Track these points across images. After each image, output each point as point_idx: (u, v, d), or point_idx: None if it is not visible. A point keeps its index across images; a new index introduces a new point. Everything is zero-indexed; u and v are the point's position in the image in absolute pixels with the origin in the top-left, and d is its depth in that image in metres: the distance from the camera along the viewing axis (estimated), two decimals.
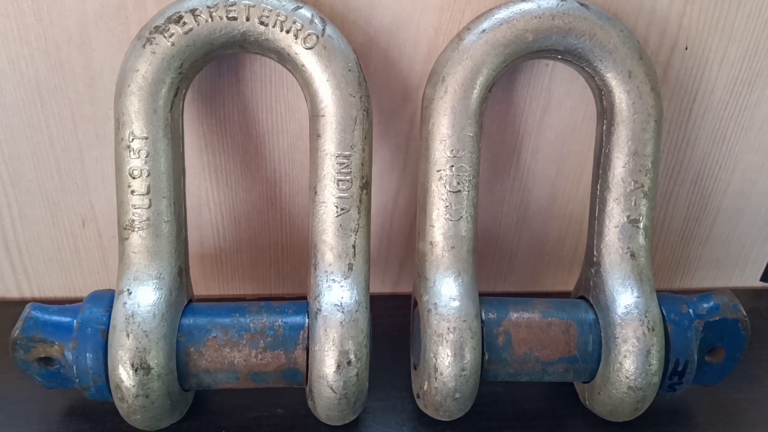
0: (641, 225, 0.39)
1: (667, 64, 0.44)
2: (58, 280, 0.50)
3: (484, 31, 0.38)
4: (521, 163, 0.47)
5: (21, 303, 0.50)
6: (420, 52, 0.42)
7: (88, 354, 0.37)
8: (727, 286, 0.54)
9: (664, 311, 0.39)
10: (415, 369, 0.41)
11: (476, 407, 0.39)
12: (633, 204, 0.39)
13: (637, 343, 0.37)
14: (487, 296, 0.40)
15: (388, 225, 0.49)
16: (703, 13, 0.42)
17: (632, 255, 0.39)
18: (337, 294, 0.37)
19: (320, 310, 0.37)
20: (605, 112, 0.40)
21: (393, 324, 0.48)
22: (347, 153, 0.38)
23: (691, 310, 0.40)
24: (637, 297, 0.38)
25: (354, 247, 0.39)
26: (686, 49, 0.43)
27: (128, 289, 0.37)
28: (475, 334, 0.37)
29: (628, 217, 0.39)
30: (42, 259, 0.49)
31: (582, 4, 0.38)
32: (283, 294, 0.52)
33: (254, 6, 0.36)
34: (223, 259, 0.50)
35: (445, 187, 0.39)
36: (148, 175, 0.37)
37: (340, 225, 0.38)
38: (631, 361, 0.37)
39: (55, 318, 0.38)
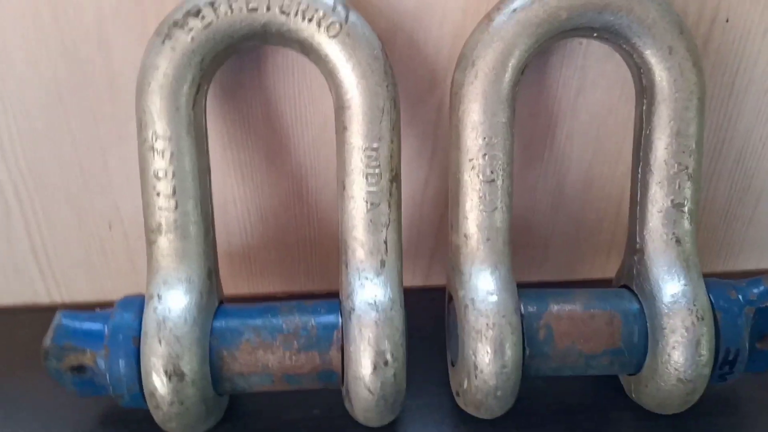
0: (686, 209, 0.37)
1: (707, 38, 0.41)
2: (86, 283, 0.49)
3: (515, 10, 0.36)
4: (555, 147, 0.45)
5: (51, 308, 0.50)
6: (447, 35, 0.41)
7: (120, 361, 0.36)
8: None
9: (712, 298, 0.37)
10: (453, 366, 0.40)
11: (518, 403, 0.38)
12: (677, 187, 0.37)
13: (686, 334, 0.35)
14: (526, 288, 0.39)
15: (417, 216, 0.48)
16: None
17: (677, 241, 0.37)
18: (370, 292, 0.36)
19: (354, 309, 0.36)
20: (645, 92, 0.38)
21: (427, 318, 0.47)
22: (375, 145, 0.37)
23: (740, 296, 0.38)
24: (684, 285, 0.36)
25: (386, 242, 0.37)
26: (727, 21, 0.41)
27: (158, 294, 0.36)
28: (515, 330, 0.36)
29: (672, 201, 0.37)
30: (70, 264, 0.48)
31: None
32: (313, 290, 0.51)
33: None
34: (252, 257, 0.49)
35: (479, 176, 0.37)
36: (174, 176, 0.36)
37: (371, 220, 0.37)
38: (680, 353, 0.36)
39: (86, 325, 0.37)
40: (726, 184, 0.48)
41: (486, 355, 0.35)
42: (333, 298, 0.39)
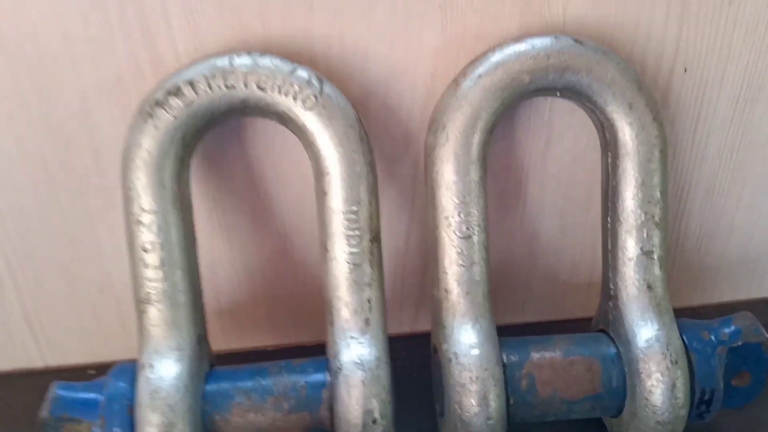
0: (656, 256, 0.39)
1: (666, 88, 0.44)
2: (79, 346, 0.50)
3: (480, 76, 0.38)
4: (529, 197, 0.47)
5: (45, 372, 0.51)
6: (419, 98, 0.42)
7: (115, 430, 0.37)
8: (746, 298, 0.54)
9: (686, 340, 0.39)
10: (441, 416, 0.41)
11: None
12: (645, 236, 0.39)
13: (661, 378, 0.37)
14: (507, 336, 0.40)
15: (401, 267, 0.49)
16: (699, 34, 0.42)
17: (649, 287, 0.39)
18: (356, 351, 0.37)
19: (341, 369, 0.37)
20: (609, 145, 0.40)
21: (413, 366, 0.48)
22: (354, 208, 0.38)
23: (713, 337, 0.39)
24: (658, 330, 0.38)
25: (369, 301, 0.39)
26: (685, 71, 0.43)
27: (150, 363, 0.37)
28: (498, 381, 0.37)
29: (641, 249, 0.39)
30: (62, 328, 0.49)
31: (576, 41, 0.38)
32: (302, 342, 0.52)
33: (251, 72, 0.37)
34: (241, 313, 0.50)
35: (455, 233, 0.39)
36: (161, 248, 0.37)
37: (354, 280, 0.38)
38: (656, 396, 0.37)
39: (81, 395, 0.38)
40: (696, 223, 0.49)
41: (471, 408, 0.37)
42: (322, 350, 0.40)
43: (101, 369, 0.40)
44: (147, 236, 0.37)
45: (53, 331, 0.49)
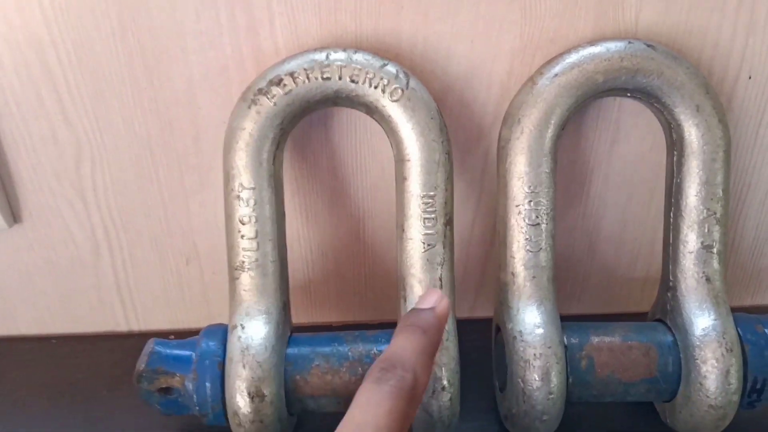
0: (715, 250, 0.41)
1: (731, 94, 0.46)
2: (163, 314, 0.54)
3: (556, 75, 0.41)
4: (592, 192, 0.49)
5: (128, 336, 0.55)
6: (493, 94, 0.45)
7: (207, 384, 0.41)
8: None
9: (740, 332, 0.41)
10: (501, 392, 0.44)
11: (561, 427, 0.42)
12: (706, 231, 0.41)
13: (716, 364, 0.39)
14: (568, 321, 0.43)
15: (464, 254, 0.52)
16: (765, 44, 0.44)
17: (707, 279, 0.41)
18: None
19: None
20: (675, 145, 0.42)
21: (473, 348, 0.51)
22: (432, 193, 0.41)
23: (766, 330, 0.41)
24: (714, 319, 0.40)
25: (441, 279, 0.42)
26: (750, 78, 0.45)
27: (241, 324, 0.41)
28: (559, 360, 0.40)
29: (702, 243, 0.41)
30: (149, 296, 0.53)
31: (648, 45, 0.41)
32: (366, 321, 0.55)
33: (345, 66, 0.40)
34: (312, 290, 0.54)
35: (525, 220, 0.42)
36: (256, 221, 0.41)
37: (427, 260, 0.42)
38: (711, 381, 0.39)
39: (176, 352, 0.42)
40: (752, 225, 0.51)
41: (534, 383, 0.39)
42: (385, 327, 0.43)
43: (182, 335, 0.45)
44: (245, 210, 0.41)
45: (140, 298, 0.54)
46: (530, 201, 0.41)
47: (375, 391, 0.29)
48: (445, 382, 0.39)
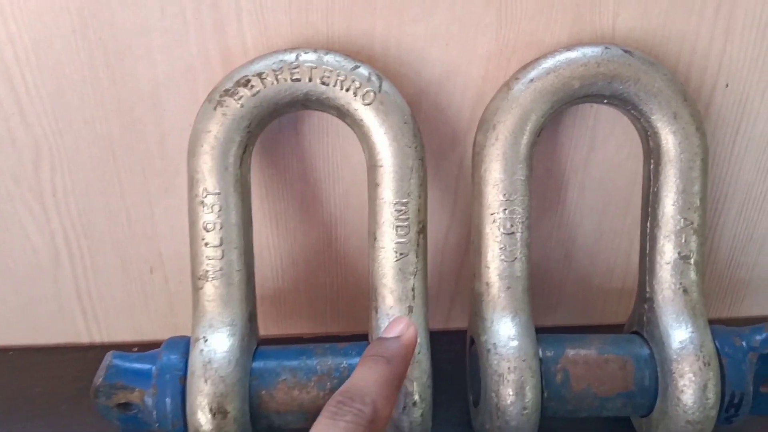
0: (692, 261, 0.40)
1: (708, 101, 0.45)
2: (126, 324, 0.52)
3: (532, 80, 0.40)
4: (568, 200, 0.49)
5: (90, 347, 0.53)
6: (468, 99, 0.44)
7: (167, 399, 0.39)
8: None
9: (718, 345, 0.40)
10: (475, 406, 0.43)
11: None
12: (683, 241, 0.40)
13: (693, 378, 0.38)
14: (544, 333, 0.42)
15: (438, 262, 0.51)
16: (742, 51, 0.43)
17: (685, 290, 0.40)
18: None
19: None
20: (652, 152, 0.41)
21: (447, 360, 0.50)
22: (404, 200, 0.40)
23: (744, 343, 0.40)
24: (692, 332, 0.39)
25: (413, 289, 0.40)
26: (727, 86, 0.45)
27: (204, 337, 0.39)
28: (534, 373, 0.38)
29: (679, 253, 0.40)
30: (111, 305, 0.51)
31: (625, 51, 0.40)
32: (338, 332, 0.54)
33: (316, 67, 0.39)
34: (282, 300, 0.52)
35: (499, 229, 0.41)
36: (221, 228, 0.39)
37: (400, 269, 0.40)
38: (688, 396, 0.38)
39: (136, 365, 0.40)
40: (729, 235, 0.51)
41: (508, 397, 0.38)
42: (358, 339, 0.42)
43: (146, 347, 0.43)
44: (209, 216, 0.39)
45: (102, 308, 0.51)
46: (505, 209, 0.40)
47: (330, 427, 0.27)
48: (416, 397, 0.38)
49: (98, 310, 0.52)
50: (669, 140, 0.40)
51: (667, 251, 0.41)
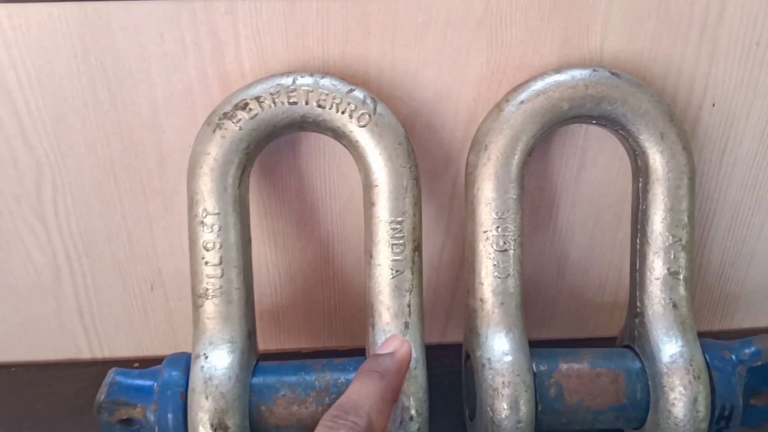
0: (681, 277, 0.41)
1: (695, 120, 0.46)
2: (127, 341, 0.53)
3: (522, 102, 0.41)
4: (560, 217, 0.50)
5: (91, 364, 0.54)
6: (461, 120, 0.45)
7: (169, 415, 0.39)
8: (765, 325, 0.56)
9: (708, 358, 0.41)
10: (471, 420, 0.43)
11: None
12: (672, 257, 0.41)
13: (684, 391, 0.39)
14: (537, 348, 0.42)
15: (434, 279, 0.52)
16: (727, 72, 0.45)
17: (674, 305, 0.41)
18: None
19: None
20: (640, 171, 0.42)
21: (442, 374, 0.50)
22: (400, 219, 0.41)
23: (733, 356, 0.41)
24: (682, 346, 0.40)
25: (409, 306, 0.41)
26: (713, 105, 0.46)
27: (204, 354, 0.40)
28: (528, 387, 0.39)
29: (668, 269, 0.41)
30: (112, 322, 0.52)
31: (613, 73, 0.41)
32: (336, 347, 0.54)
33: (312, 91, 0.40)
34: (280, 316, 0.53)
35: (492, 246, 0.41)
36: (220, 247, 0.40)
37: (396, 286, 0.41)
38: (679, 409, 0.39)
39: (138, 382, 0.41)
40: (719, 249, 0.52)
41: (503, 411, 0.39)
42: (355, 354, 0.43)
43: (147, 363, 0.43)
44: (209, 236, 0.40)
45: (103, 325, 0.52)
46: (498, 227, 0.41)
47: None
48: (413, 412, 0.39)
49: (99, 327, 0.52)
50: (656, 159, 0.41)
51: (656, 267, 0.42)
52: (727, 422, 0.41)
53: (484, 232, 0.42)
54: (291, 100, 0.40)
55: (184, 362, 0.41)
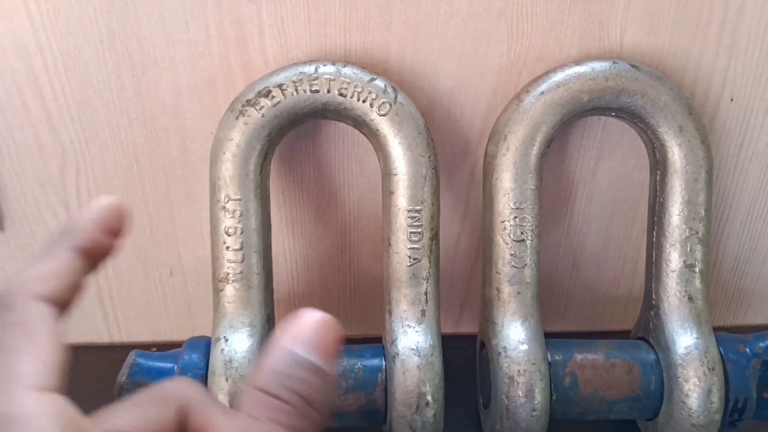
0: (697, 269, 0.42)
1: (713, 115, 0.46)
2: (145, 325, 0.54)
3: (542, 93, 0.41)
4: (576, 209, 0.50)
5: (110, 347, 0.54)
6: (480, 110, 0.46)
7: None
8: None
9: (722, 351, 0.41)
10: (485, 408, 0.44)
11: None
12: (689, 250, 0.42)
13: (698, 383, 0.39)
14: (552, 338, 0.43)
15: (450, 269, 0.52)
16: (746, 67, 0.45)
17: (690, 298, 0.42)
18: (412, 339, 0.41)
19: (398, 354, 0.40)
20: (658, 164, 0.43)
21: (458, 363, 0.50)
22: (418, 207, 0.41)
23: (748, 350, 0.41)
24: (697, 338, 0.40)
25: (426, 294, 0.42)
26: (731, 100, 0.46)
27: (224, 337, 0.41)
28: (543, 376, 0.40)
29: (684, 262, 0.42)
30: (131, 307, 0.53)
31: (633, 66, 0.41)
32: (351, 335, 0.55)
33: (334, 79, 0.40)
34: (296, 303, 0.53)
35: (510, 236, 0.42)
36: (242, 232, 0.41)
37: (413, 274, 0.42)
38: (693, 400, 0.39)
39: (158, 364, 0.42)
40: (734, 245, 0.52)
41: (518, 399, 0.39)
42: (371, 341, 0.43)
43: (164, 347, 0.44)
44: (230, 221, 0.41)
45: (123, 309, 0.53)
46: (515, 217, 0.42)
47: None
48: (429, 398, 0.39)
49: (118, 311, 0.53)
50: (675, 152, 0.41)
51: (672, 260, 0.42)
52: (741, 415, 0.41)
53: (502, 222, 0.42)
54: (313, 89, 0.40)
55: (204, 345, 0.42)
